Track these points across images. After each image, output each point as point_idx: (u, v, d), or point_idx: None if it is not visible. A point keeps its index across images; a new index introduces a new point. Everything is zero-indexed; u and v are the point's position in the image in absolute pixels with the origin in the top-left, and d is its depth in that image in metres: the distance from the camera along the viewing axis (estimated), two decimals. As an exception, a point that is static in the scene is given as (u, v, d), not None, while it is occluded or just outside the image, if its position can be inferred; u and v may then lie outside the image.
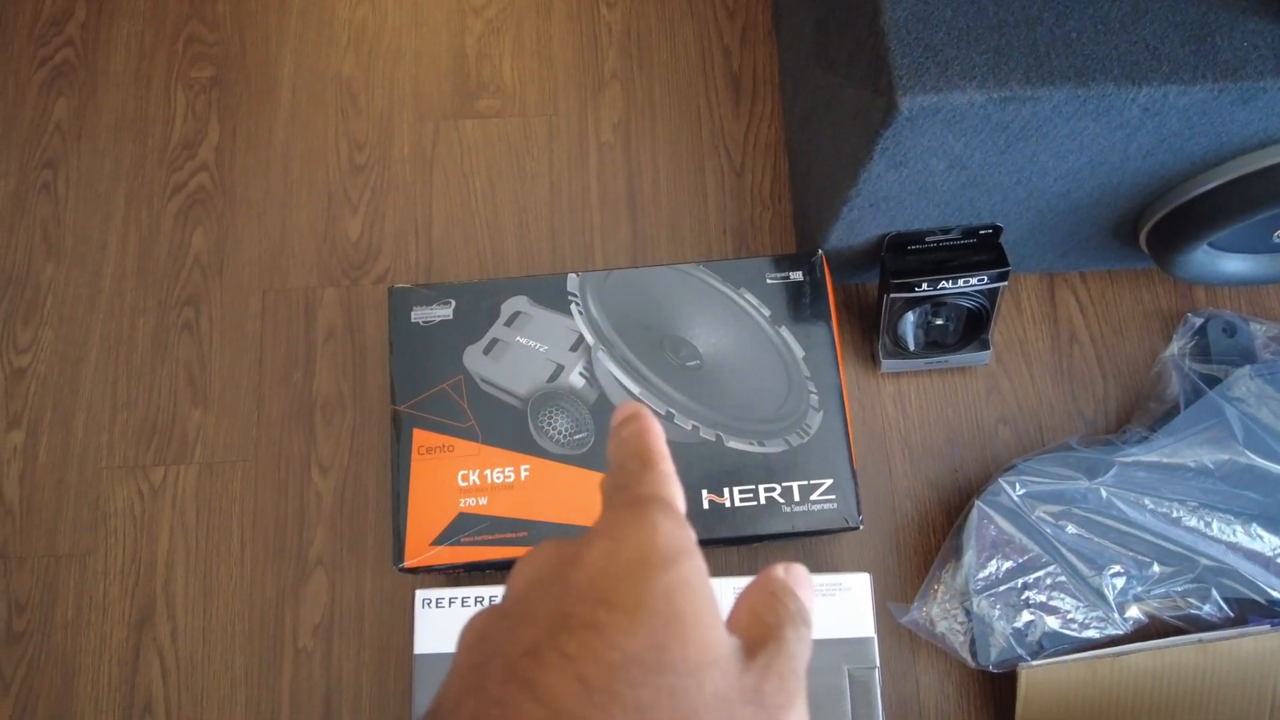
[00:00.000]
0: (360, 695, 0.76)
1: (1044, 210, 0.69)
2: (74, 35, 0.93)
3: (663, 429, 0.32)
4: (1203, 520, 0.70)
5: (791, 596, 0.28)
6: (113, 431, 0.82)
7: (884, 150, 0.58)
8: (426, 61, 0.93)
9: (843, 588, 0.67)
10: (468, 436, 0.71)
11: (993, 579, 0.70)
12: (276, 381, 0.83)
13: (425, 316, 0.73)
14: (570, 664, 0.22)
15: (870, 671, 0.65)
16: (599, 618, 0.23)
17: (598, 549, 0.26)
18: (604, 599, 0.24)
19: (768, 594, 0.28)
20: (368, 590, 0.79)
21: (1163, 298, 0.84)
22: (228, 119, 0.91)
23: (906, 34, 0.54)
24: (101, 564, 0.79)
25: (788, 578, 0.29)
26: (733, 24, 0.94)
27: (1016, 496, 0.72)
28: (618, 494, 0.29)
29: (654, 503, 0.27)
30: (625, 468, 0.30)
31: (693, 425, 0.70)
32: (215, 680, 0.77)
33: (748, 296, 0.73)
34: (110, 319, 0.85)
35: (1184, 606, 0.70)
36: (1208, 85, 0.53)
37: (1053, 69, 0.53)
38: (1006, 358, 0.83)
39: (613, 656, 0.23)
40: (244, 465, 0.81)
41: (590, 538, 0.26)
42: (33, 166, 0.89)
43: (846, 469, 0.69)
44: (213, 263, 0.87)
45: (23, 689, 0.77)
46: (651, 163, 0.90)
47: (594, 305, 0.73)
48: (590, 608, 0.24)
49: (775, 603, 0.28)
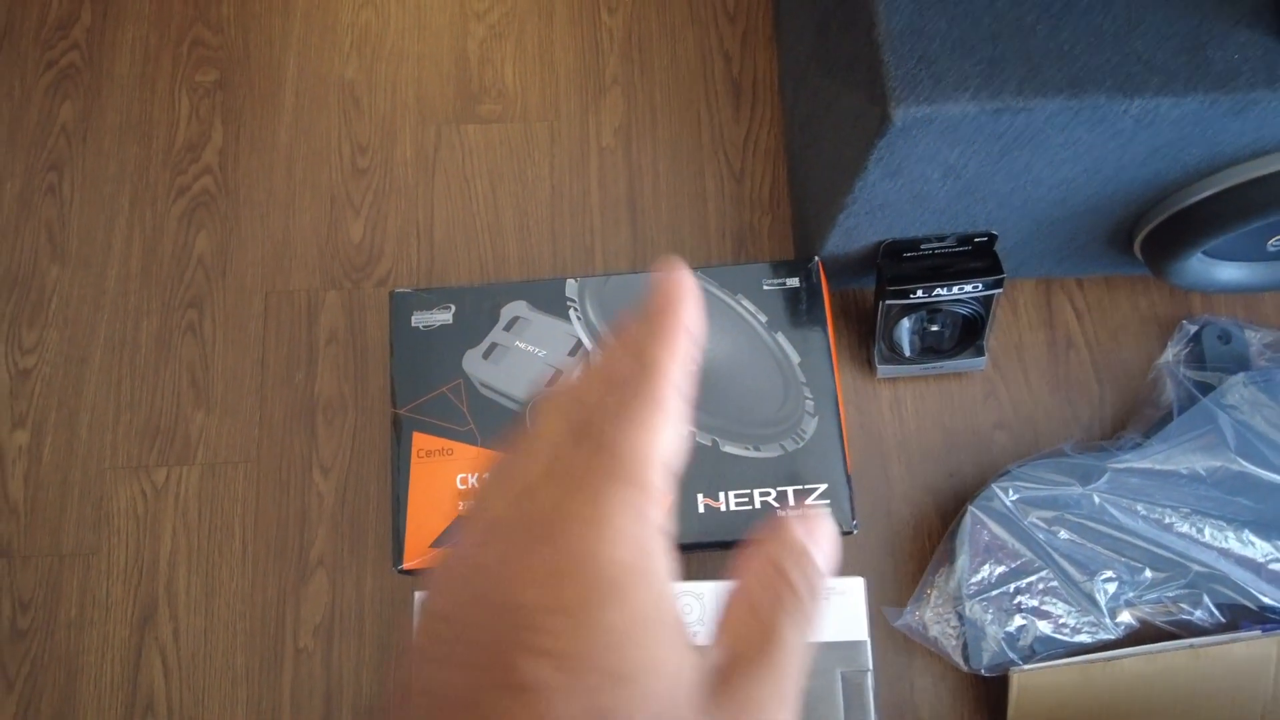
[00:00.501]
0: (360, 695, 0.77)
1: (1039, 218, 0.69)
2: (79, 39, 0.94)
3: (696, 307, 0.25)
4: (1195, 526, 0.70)
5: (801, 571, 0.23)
6: (116, 432, 0.83)
7: (879, 159, 0.58)
8: (429, 65, 0.93)
9: (836, 591, 0.67)
10: (467, 440, 0.71)
11: (985, 583, 0.71)
12: (279, 383, 0.84)
13: (425, 321, 0.74)
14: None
15: (863, 675, 0.65)
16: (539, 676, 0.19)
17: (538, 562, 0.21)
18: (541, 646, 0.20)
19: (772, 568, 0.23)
20: (368, 590, 0.79)
21: (1159, 304, 0.84)
22: (231, 122, 0.92)
23: (901, 45, 0.54)
24: (105, 563, 0.80)
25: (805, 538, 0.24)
26: (734, 29, 0.94)
27: (1010, 502, 0.72)
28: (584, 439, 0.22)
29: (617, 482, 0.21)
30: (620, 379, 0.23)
31: (688, 430, 0.71)
32: (216, 679, 0.78)
33: (744, 302, 0.74)
34: (114, 320, 0.86)
35: (1176, 612, 0.70)
36: (1200, 96, 0.53)
37: (1046, 80, 0.54)
38: (1003, 363, 0.83)
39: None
40: (246, 466, 0.82)
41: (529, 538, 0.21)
42: (38, 169, 0.90)
43: (841, 474, 0.70)
44: (216, 265, 0.87)
45: (26, 686, 0.78)
46: (652, 167, 0.90)
47: (592, 310, 0.74)
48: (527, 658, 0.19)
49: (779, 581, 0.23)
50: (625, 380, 0.23)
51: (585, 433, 0.22)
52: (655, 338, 0.23)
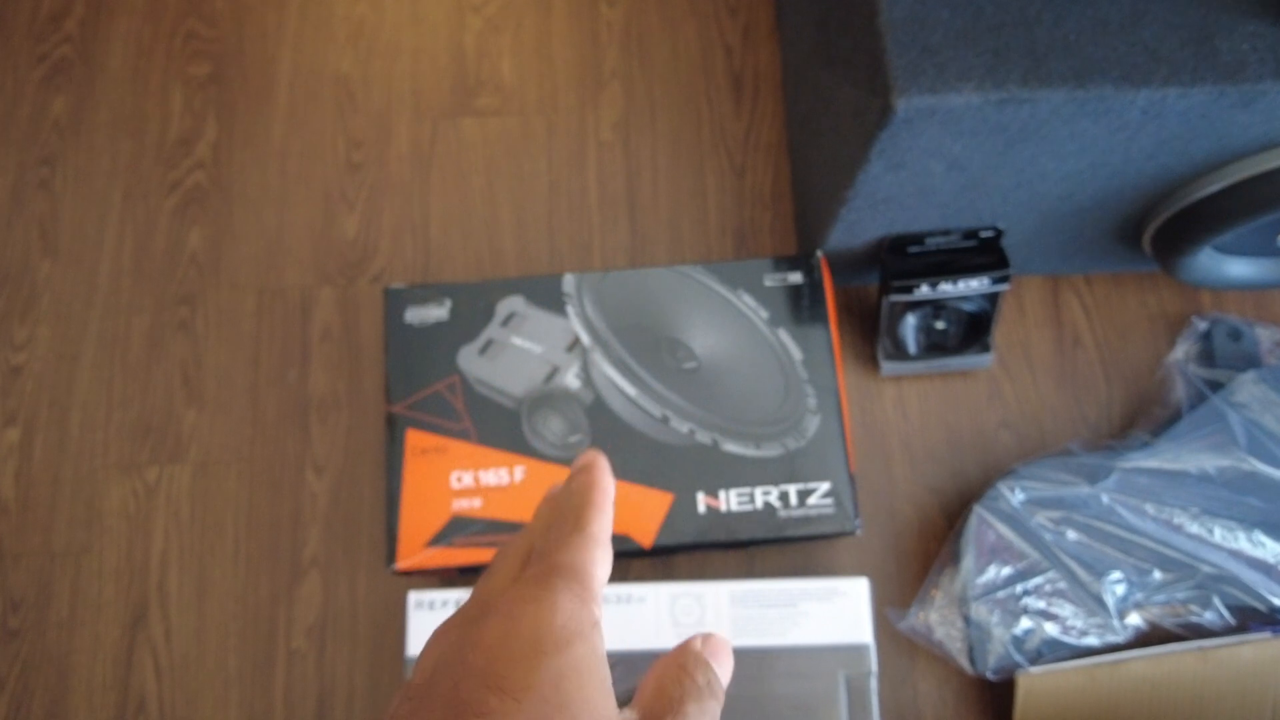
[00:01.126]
0: (353, 696, 0.76)
1: (1046, 213, 0.68)
2: (72, 32, 0.93)
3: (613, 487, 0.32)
4: (1204, 527, 0.69)
5: (702, 669, 0.28)
6: (108, 430, 0.82)
7: (881, 151, 0.57)
8: (425, 59, 0.92)
9: (839, 593, 0.66)
10: (462, 437, 0.70)
11: (991, 585, 0.70)
12: (272, 381, 0.83)
13: (420, 317, 0.73)
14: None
15: (867, 678, 0.64)
16: (489, 705, 0.24)
17: (495, 630, 0.26)
18: (495, 684, 0.24)
19: (677, 666, 0.28)
20: (361, 591, 0.78)
21: (1168, 301, 0.83)
22: (225, 116, 0.91)
23: (904, 35, 0.53)
24: (96, 562, 0.79)
25: (704, 649, 0.29)
26: (735, 22, 0.93)
27: (1016, 502, 0.71)
28: (536, 561, 0.29)
29: (562, 578, 0.27)
30: (559, 523, 0.30)
31: (689, 428, 0.69)
32: (208, 680, 0.77)
33: (745, 298, 0.73)
34: (106, 317, 0.85)
35: (1185, 614, 0.69)
36: (1207, 88, 0.52)
37: (1051, 71, 0.52)
38: (1009, 361, 0.82)
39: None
40: (238, 465, 0.81)
41: (490, 617, 0.27)
42: (30, 163, 0.89)
43: (844, 473, 0.69)
44: (209, 261, 0.86)
45: (17, 686, 0.77)
46: (651, 162, 0.89)
47: (590, 306, 0.72)
48: (482, 694, 0.24)
49: (683, 675, 0.28)
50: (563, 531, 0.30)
51: (536, 555, 0.29)
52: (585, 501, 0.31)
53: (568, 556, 0.29)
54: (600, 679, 0.25)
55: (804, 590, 0.66)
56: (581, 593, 0.27)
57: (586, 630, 0.26)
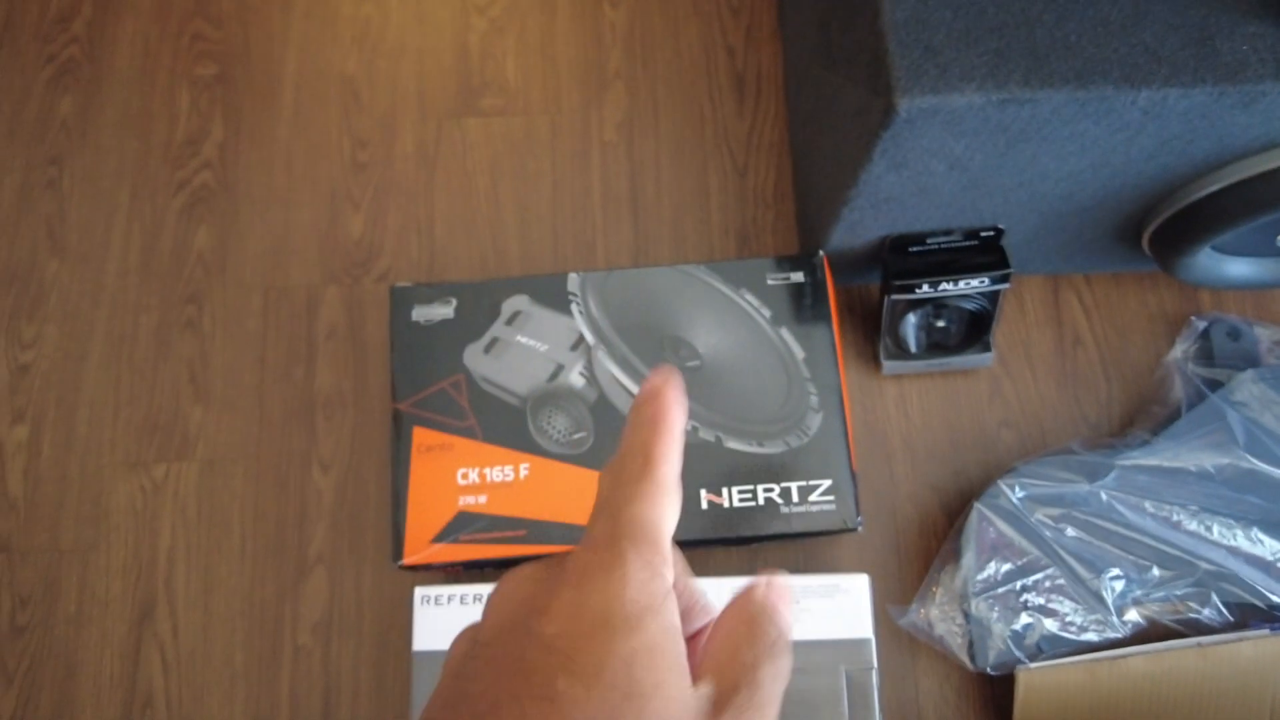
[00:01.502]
0: (359, 692, 0.77)
1: (1046, 212, 0.68)
2: (80, 32, 0.94)
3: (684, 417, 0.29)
4: (1203, 524, 0.70)
5: (772, 621, 0.27)
6: (115, 428, 0.83)
7: (883, 151, 0.57)
8: (430, 59, 0.93)
9: (841, 589, 0.67)
10: (468, 435, 0.71)
11: (991, 581, 0.70)
12: (278, 379, 0.84)
13: (426, 315, 0.73)
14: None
15: (868, 673, 0.65)
16: (557, 687, 0.23)
17: (564, 600, 0.25)
18: (564, 664, 0.23)
19: (747, 620, 0.27)
20: (367, 587, 0.79)
21: (1168, 301, 0.84)
22: (231, 116, 0.91)
23: (906, 35, 0.54)
24: (103, 559, 0.80)
25: (769, 595, 0.28)
26: (737, 23, 0.94)
27: (1016, 499, 0.71)
28: (602, 514, 0.27)
29: (631, 541, 0.26)
30: (626, 464, 0.28)
31: (692, 426, 0.70)
32: (215, 676, 0.77)
33: (748, 297, 0.73)
34: (113, 315, 0.85)
35: (1184, 610, 0.69)
36: (1208, 88, 0.53)
37: (1052, 71, 0.53)
38: (1009, 360, 0.82)
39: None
40: (245, 462, 0.82)
41: (559, 582, 0.26)
42: (38, 163, 0.90)
43: (846, 470, 0.69)
44: (215, 260, 0.87)
45: (25, 682, 0.77)
46: (654, 162, 0.89)
47: (594, 305, 0.73)
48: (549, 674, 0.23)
49: (754, 634, 0.27)
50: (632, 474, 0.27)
51: (603, 510, 0.27)
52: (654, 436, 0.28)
53: (637, 510, 0.27)
54: (673, 657, 0.24)
55: (806, 586, 0.66)
56: (652, 558, 0.26)
57: (658, 603, 0.25)
